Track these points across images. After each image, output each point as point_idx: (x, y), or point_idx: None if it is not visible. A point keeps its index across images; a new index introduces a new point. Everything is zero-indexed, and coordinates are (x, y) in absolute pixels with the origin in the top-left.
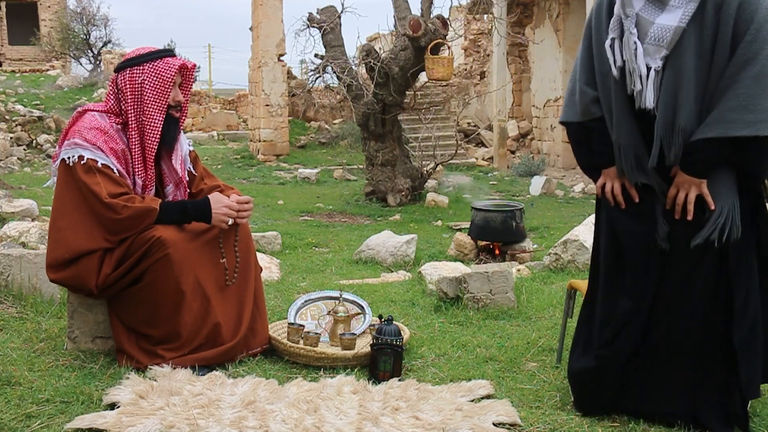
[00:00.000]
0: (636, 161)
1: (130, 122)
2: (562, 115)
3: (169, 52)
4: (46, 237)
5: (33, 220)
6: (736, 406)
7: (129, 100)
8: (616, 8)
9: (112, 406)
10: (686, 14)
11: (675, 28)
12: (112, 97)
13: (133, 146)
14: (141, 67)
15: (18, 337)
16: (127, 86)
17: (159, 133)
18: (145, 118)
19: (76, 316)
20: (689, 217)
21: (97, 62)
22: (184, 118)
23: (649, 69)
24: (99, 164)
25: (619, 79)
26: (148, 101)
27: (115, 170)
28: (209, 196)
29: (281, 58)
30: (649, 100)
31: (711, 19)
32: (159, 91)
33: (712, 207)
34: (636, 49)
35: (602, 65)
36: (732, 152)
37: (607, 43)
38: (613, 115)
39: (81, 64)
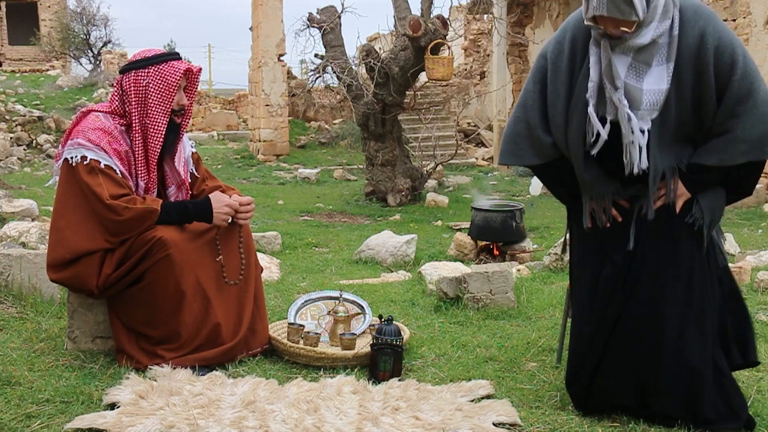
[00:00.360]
0: (610, 194)
1: (133, 124)
2: (519, 159)
3: (174, 56)
4: (46, 237)
5: (33, 220)
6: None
7: (133, 103)
8: (594, 73)
9: (112, 406)
10: (669, 73)
11: (666, 90)
12: (116, 98)
13: (137, 148)
14: (146, 70)
15: (18, 337)
16: (132, 88)
17: (162, 136)
18: (148, 121)
19: (76, 316)
20: (677, 210)
21: (97, 62)
22: (187, 122)
23: (643, 132)
24: (102, 165)
25: (592, 142)
26: (152, 104)
27: (118, 171)
28: (210, 195)
29: (281, 58)
30: (644, 163)
31: (689, 70)
32: (163, 94)
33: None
34: (631, 120)
35: (555, 117)
36: (727, 175)
37: (590, 109)
38: (576, 161)
39: (81, 64)
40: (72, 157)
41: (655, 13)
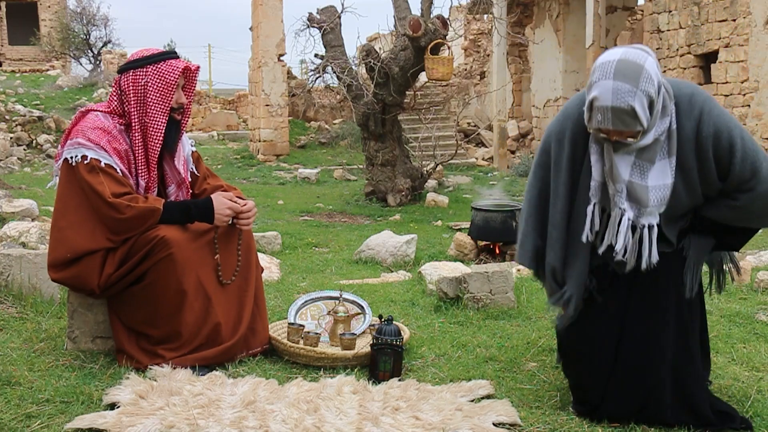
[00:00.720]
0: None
1: (133, 124)
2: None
3: (172, 54)
4: (46, 237)
5: (33, 220)
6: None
7: (132, 102)
8: (596, 171)
9: (112, 406)
10: (672, 167)
11: (671, 184)
12: (115, 98)
13: (136, 147)
14: (144, 69)
15: (18, 337)
16: (130, 88)
17: (162, 135)
18: (148, 120)
19: (76, 316)
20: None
21: (97, 62)
22: (186, 119)
23: (651, 228)
24: (102, 164)
25: (587, 242)
26: (151, 103)
27: (119, 170)
28: (212, 196)
29: (281, 58)
30: (654, 258)
31: (690, 158)
32: (162, 93)
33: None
34: (623, 227)
35: (555, 215)
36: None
37: (589, 208)
38: (568, 260)
39: (81, 64)
40: (72, 157)
41: (656, 118)
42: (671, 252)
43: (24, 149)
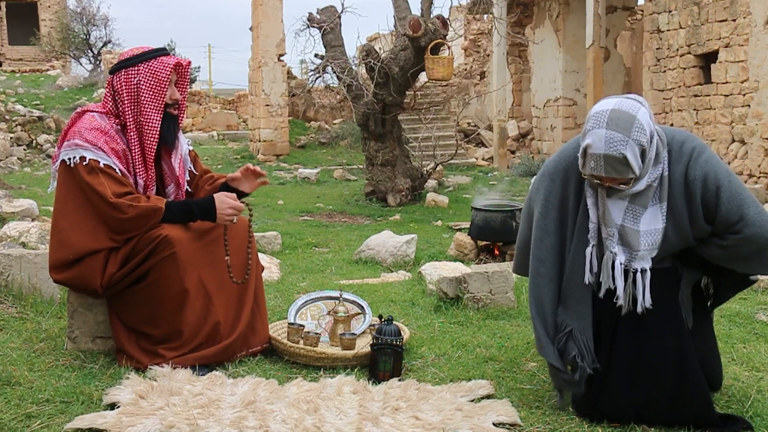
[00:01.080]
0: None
1: (128, 123)
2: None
3: (162, 51)
4: (46, 237)
5: (33, 220)
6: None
7: (126, 101)
8: (593, 215)
9: (112, 406)
10: (663, 212)
11: (662, 229)
12: (109, 98)
13: (133, 147)
14: (136, 68)
15: (18, 337)
16: (123, 87)
17: (157, 132)
18: (143, 119)
19: (76, 316)
20: None
21: (97, 62)
22: (182, 115)
23: (644, 272)
24: (101, 164)
25: (588, 284)
26: (145, 101)
27: (118, 170)
28: (214, 195)
29: (281, 58)
30: (647, 302)
31: (680, 201)
32: (155, 90)
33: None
34: (616, 269)
35: (541, 252)
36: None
37: (588, 250)
38: (569, 304)
39: (81, 64)
40: (70, 158)
41: (649, 165)
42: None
43: (24, 149)
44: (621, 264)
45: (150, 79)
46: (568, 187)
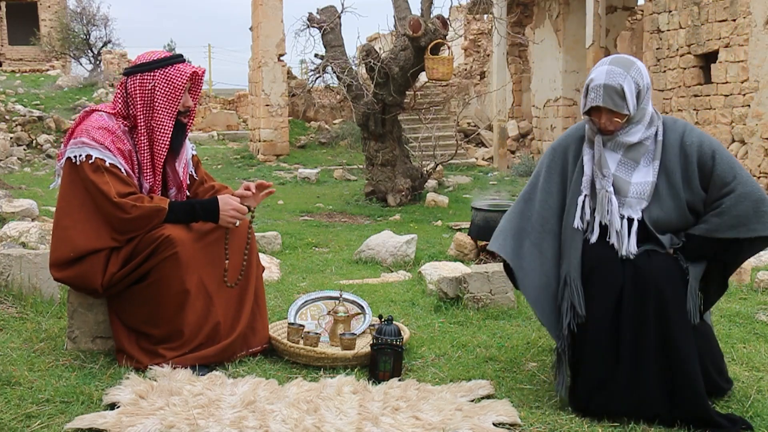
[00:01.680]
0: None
1: (139, 127)
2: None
3: (179, 58)
4: (46, 237)
5: (33, 220)
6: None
7: (138, 106)
8: (588, 168)
9: (112, 406)
10: (655, 170)
11: (652, 182)
12: (120, 100)
13: (142, 151)
14: (152, 74)
15: (18, 337)
16: (137, 91)
17: (169, 138)
18: (155, 124)
19: (76, 316)
20: None
21: (97, 62)
22: (191, 122)
23: (631, 221)
24: (107, 163)
25: (578, 228)
26: (158, 107)
27: (123, 170)
28: (218, 197)
29: (281, 58)
30: (633, 248)
31: (674, 162)
32: (170, 97)
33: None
34: (612, 205)
35: (545, 211)
36: (717, 250)
37: (580, 198)
38: (564, 252)
39: (81, 64)
40: (76, 156)
41: (643, 117)
42: (665, 255)
43: (24, 149)
44: (615, 202)
45: (166, 86)
46: (568, 154)
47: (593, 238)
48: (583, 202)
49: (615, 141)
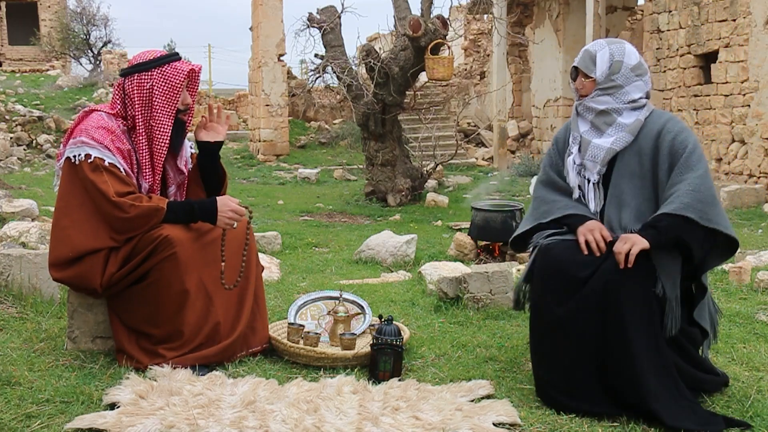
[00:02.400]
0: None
1: (138, 127)
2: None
3: (175, 57)
4: (46, 237)
5: (33, 220)
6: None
7: (137, 106)
8: (571, 138)
9: (112, 406)
10: (619, 140)
11: (608, 149)
12: (118, 101)
13: (141, 150)
14: (149, 73)
15: (18, 337)
16: (135, 91)
17: (168, 137)
18: (154, 123)
19: (76, 316)
20: (629, 265)
21: (97, 62)
22: (190, 120)
23: (589, 181)
24: (106, 163)
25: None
26: (157, 107)
27: (122, 170)
28: (217, 197)
29: (281, 58)
30: (591, 206)
31: (649, 148)
32: (168, 96)
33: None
34: (572, 165)
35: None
36: (681, 233)
37: (568, 159)
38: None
39: (81, 64)
40: (75, 155)
41: (615, 90)
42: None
43: (24, 149)
44: (575, 162)
45: (163, 84)
46: (567, 135)
47: (575, 195)
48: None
49: (584, 105)
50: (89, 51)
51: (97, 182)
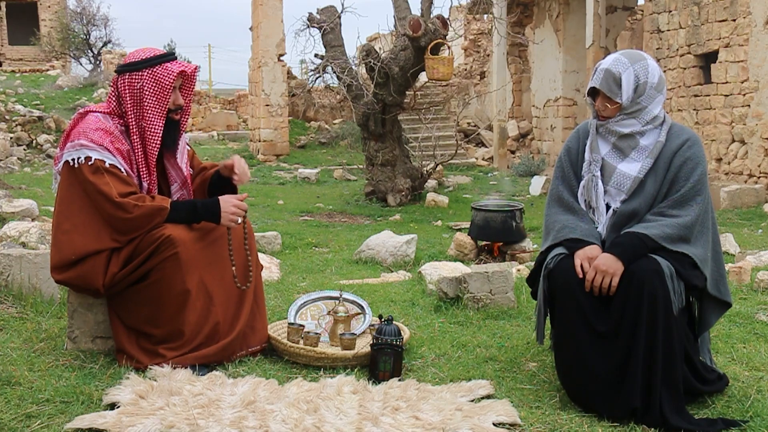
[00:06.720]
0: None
1: (131, 126)
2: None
3: (169, 57)
4: (46, 237)
5: (33, 220)
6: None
7: (129, 105)
8: (587, 151)
9: (112, 406)
10: (644, 167)
11: (635, 178)
12: (113, 99)
13: (136, 149)
14: (140, 73)
15: (18, 337)
16: (126, 91)
17: (159, 137)
18: (145, 123)
19: (76, 316)
20: (611, 293)
21: (97, 62)
22: (186, 119)
23: (608, 208)
24: (107, 164)
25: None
26: (147, 107)
27: (123, 170)
28: (219, 197)
29: (281, 58)
30: (600, 227)
31: (663, 169)
32: (158, 97)
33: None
34: (598, 189)
35: (573, 188)
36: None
37: (582, 182)
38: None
39: (81, 64)
40: (74, 159)
41: (639, 112)
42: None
43: (24, 149)
44: (601, 186)
45: (153, 85)
46: (579, 138)
47: (598, 220)
48: (585, 186)
49: (606, 128)
50: (89, 51)
51: (99, 184)
